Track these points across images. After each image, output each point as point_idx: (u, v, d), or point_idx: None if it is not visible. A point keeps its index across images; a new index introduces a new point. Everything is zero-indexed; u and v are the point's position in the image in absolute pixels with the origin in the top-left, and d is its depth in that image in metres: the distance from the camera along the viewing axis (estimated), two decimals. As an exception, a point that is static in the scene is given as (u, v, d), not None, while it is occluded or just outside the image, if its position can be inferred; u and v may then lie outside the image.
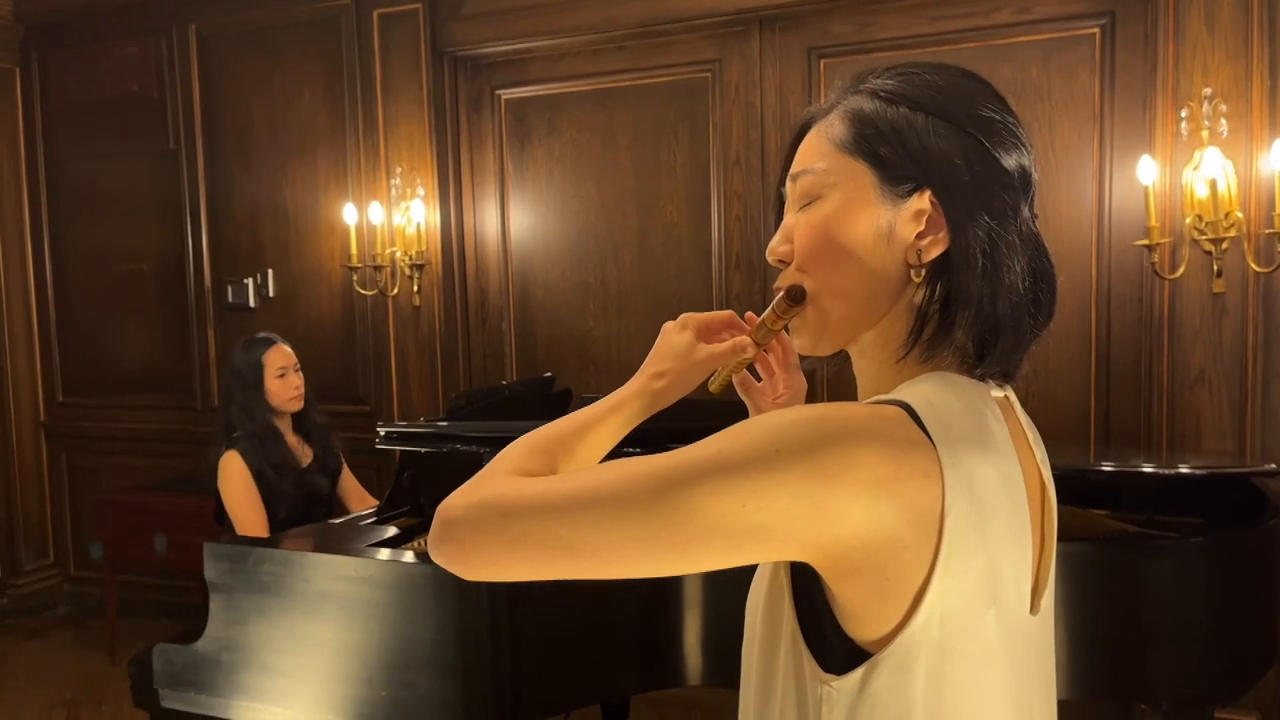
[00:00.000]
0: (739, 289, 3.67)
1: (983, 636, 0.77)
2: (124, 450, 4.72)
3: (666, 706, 3.47)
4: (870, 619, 0.76)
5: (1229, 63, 2.88)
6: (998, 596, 0.78)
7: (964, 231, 0.81)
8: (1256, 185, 2.86)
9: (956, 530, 0.74)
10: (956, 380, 0.83)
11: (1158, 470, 2.43)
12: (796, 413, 0.76)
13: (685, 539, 0.74)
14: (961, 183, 0.82)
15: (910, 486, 0.73)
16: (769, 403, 1.07)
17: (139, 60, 4.51)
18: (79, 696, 3.84)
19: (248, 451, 2.89)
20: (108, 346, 4.74)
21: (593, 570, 0.77)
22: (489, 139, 4.04)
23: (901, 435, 0.75)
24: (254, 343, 3.02)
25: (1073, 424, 3.27)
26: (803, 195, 0.87)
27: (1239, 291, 2.92)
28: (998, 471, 0.79)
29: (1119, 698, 2.64)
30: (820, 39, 3.51)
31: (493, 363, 4.11)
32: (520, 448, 0.89)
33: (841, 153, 0.85)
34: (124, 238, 4.64)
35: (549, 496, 0.77)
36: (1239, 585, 2.11)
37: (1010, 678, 0.80)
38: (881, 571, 0.74)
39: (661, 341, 0.98)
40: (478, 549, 0.79)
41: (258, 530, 2.85)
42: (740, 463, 0.73)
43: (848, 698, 0.77)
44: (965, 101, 0.84)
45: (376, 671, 2.04)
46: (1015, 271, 0.82)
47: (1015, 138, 0.84)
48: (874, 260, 0.83)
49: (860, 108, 0.85)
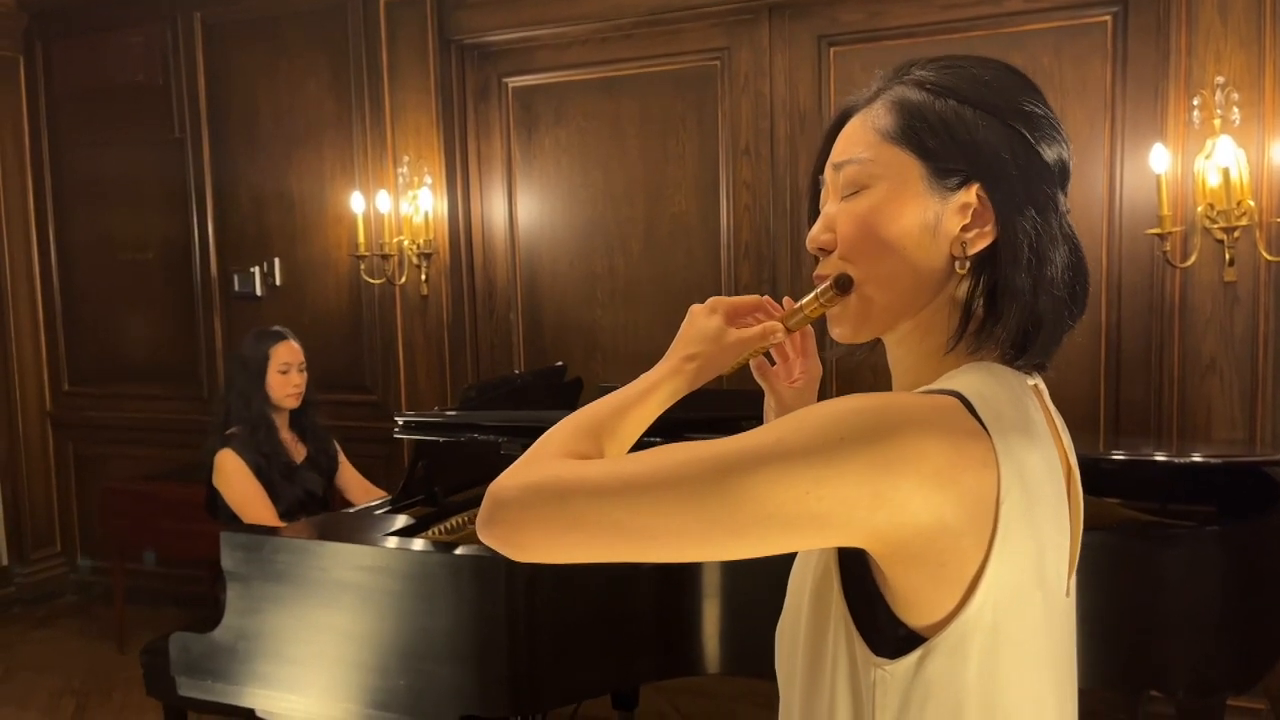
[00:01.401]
0: (748, 279, 3.66)
1: (1031, 619, 0.79)
2: (130, 440, 4.72)
3: (676, 694, 3.48)
4: (925, 604, 0.77)
5: (1241, 51, 2.87)
6: (1044, 580, 0.80)
7: (1011, 225, 0.82)
8: (1269, 174, 2.85)
9: (1010, 517, 0.76)
10: (1000, 371, 0.84)
11: (1172, 459, 2.44)
12: (858, 401, 0.76)
13: (744, 524, 0.75)
14: (1009, 176, 0.82)
15: (969, 476, 0.74)
16: (785, 387, 1.08)
17: (143, 49, 4.49)
18: (88, 685, 3.85)
19: (241, 446, 2.90)
20: (114, 336, 4.74)
21: (647, 553, 0.77)
22: (496, 127, 4.03)
23: (960, 425, 0.76)
24: (264, 335, 3.03)
25: (1083, 411, 3.27)
26: (847, 184, 0.87)
27: (1250, 280, 2.92)
28: (1042, 459, 0.81)
29: (1134, 686, 2.65)
30: (830, 27, 3.50)
31: (500, 352, 4.11)
32: (566, 430, 0.89)
33: (888, 143, 0.85)
34: (129, 227, 4.63)
35: (607, 480, 0.78)
36: (1253, 574, 2.12)
37: (1051, 656, 0.83)
38: (939, 558, 0.75)
39: (690, 325, 0.98)
40: (533, 530, 0.79)
41: (266, 519, 2.86)
42: (802, 450, 0.74)
43: (902, 681, 0.78)
44: (1010, 95, 0.84)
45: (393, 660, 2.04)
46: (1056, 265, 0.83)
47: (1056, 131, 0.85)
48: (919, 252, 0.84)
49: (907, 98, 0.85)
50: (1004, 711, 0.78)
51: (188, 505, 3.97)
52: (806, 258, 3.58)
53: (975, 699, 0.77)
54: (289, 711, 2.17)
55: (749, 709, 3.45)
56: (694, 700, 3.48)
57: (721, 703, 3.46)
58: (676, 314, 1.01)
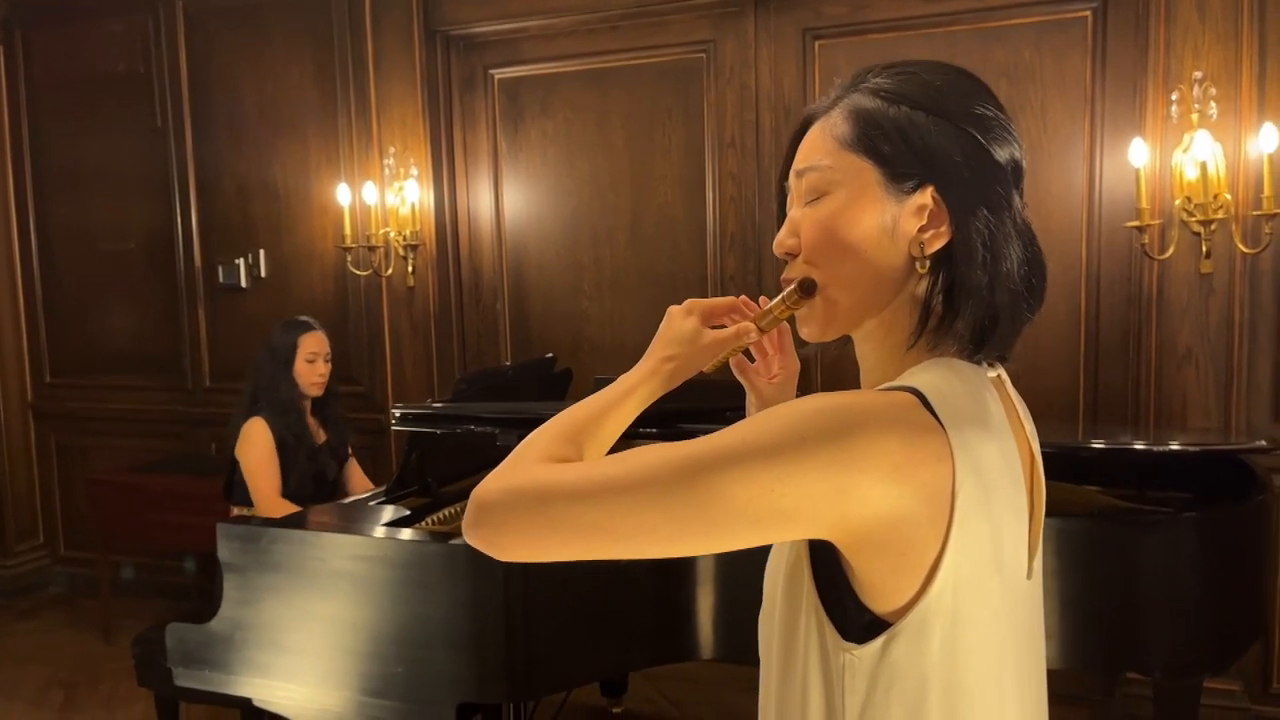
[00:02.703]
0: (733, 270, 3.70)
1: (990, 602, 0.83)
2: (113, 431, 4.71)
3: (664, 680, 3.52)
4: (888, 591, 0.81)
5: (1219, 46, 2.93)
6: (1001, 565, 0.84)
7: (965, 225, 0.86)
8: (1245, 167, 2.91)
9: (966, 508, 0.80)
10: (959, 365, 0.88)
11: (1152, 447, 2.50)
12: (819, 401, 0.80)
13: (714, 521, 0.78)
14: (962, 178, 0.86)
15: (925, 470, 0.78)
16: (764, 383, 1.11)
17: (124, 38, 4.46)
18: (75, 677, 3.84)
19: (272, 419, 2.99)
20: (96, 326, 4.71)
21: (625, 551, 0.81)
22: (482, 119, 4.03)
23: (916, 421, 0.80)
24: (294, 324, 3.13)
25: (1062, 401, 3.33)
26: (809, 191, 0.91)
27: (1226, 272, 2.98)
28: (998, 450, 0.85)
29: (1115, 667, 2.72)
30: (815, 20, 3.53)
31: (487, 343, 4.13)
32: (547, 434, 0.92)
33: (846, 150, 0.88)
34: (111, 217, 4.60)
35: (584, 483, 0.81)
36: (1230, 559, 2.18)
37: (1013, 637, 0.87)
38: (899, 548, 0.79)
39: (667, 326, 1.02)
40: (515, 532, 0.83)
41: (271, 493, 2.94)
42: (767, 449, 0.78)
43: (869, 665, 0.82)
44: (961, 99, 0.88)
45: (390, 647, 2.07)
46: (1012, 261, 0.87)
47: (1007, 131, 0.89)
48: (879, 254, 0.88)
49: (862, 106, 0.89)
50: (964, 691, 0.82)
51: (172, 496, 3.98)
52: (792, 249, 3.62)
53: (938, 680, 0.81)
54: (287, 700, 2.20)
55: (735, 695, 3.50)
56: (681, 687, 3.53)
57: (709, 689, 3.50)
58: (662, 305, 1.05)
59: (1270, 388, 3.05)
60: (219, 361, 4.49)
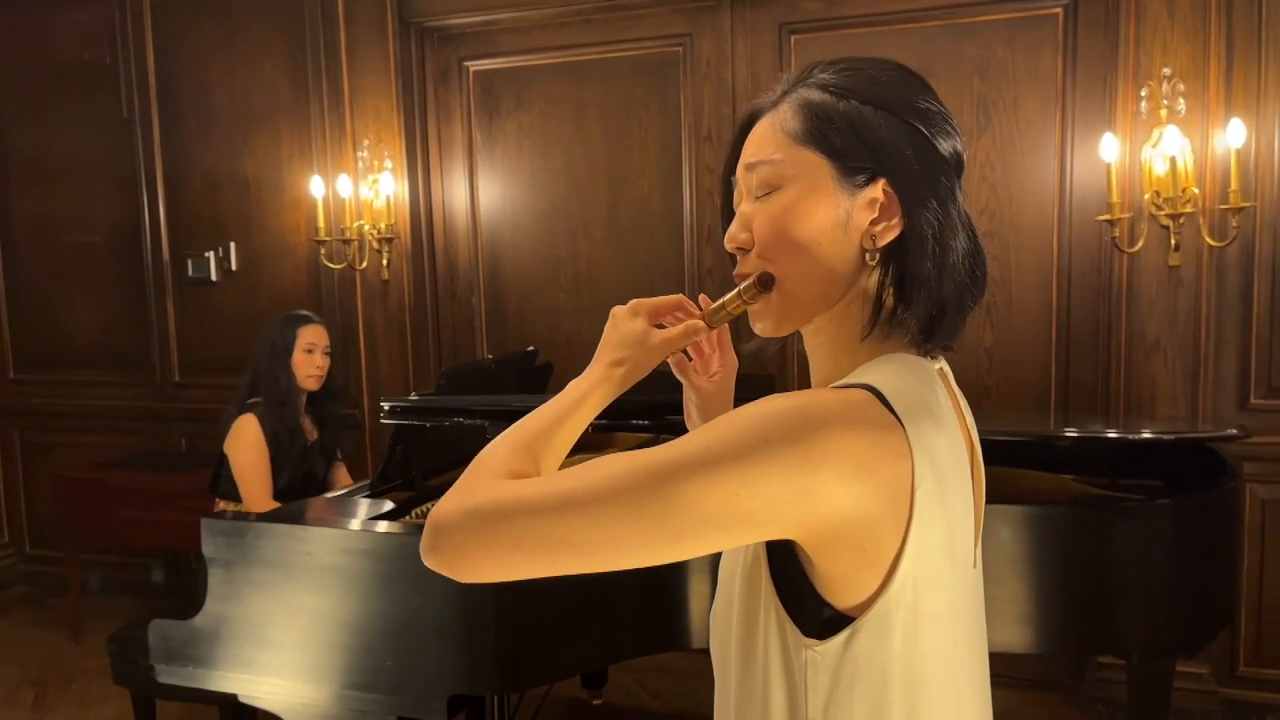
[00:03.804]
0: (710, 263, 3.72)
1: (945, 594, 0.85)
2: (80, 427, 4.63)
3: (643, 671, 3.54)
4: (849, 586, 0.82)
5: (1187, 43, 2.99)
6: (953, 556, 0.86)
7: (916, 217, 0.87)
8: (1212, 162, 2.98)
9: (925, 502, 0.81)
10: (910, 360, 0.90)
11: (1128, 436, 2.55)
12: (777, 403, 0.81)
13: (681, 530, 0.78)
14: (912, 171, 0.87)
15: (885, 466, 0.79)
16: (704, 381, 1.11)
17: (89, 27, 4.39)
18: (45, 675, 3.79)
19: (264, 415, 2.97)
20: (61, 321, 4.63)
21: (592, 565, 0.80)
22: (457, 111, 4.02)
23: (875, 418, 0.81)
24: (293, 318, 3.11)
25: (1034, 391, 3.39)
26: (761, 185, 0.91)
27: (1194, 264, 3.05)
28: (948, 442, 0.86)
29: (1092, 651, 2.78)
30: (790, 14, 3.55)
31: (463, 336, 4.12)
32: (501, 450, 0.90)
33: (797, 144, 0.89)
34: (77, 209, 4.53)
35: (546, 498, 0.80)
36: (1204, 543, 2.24)
37: (965, 627, 0.89)
38: (860, 544, 0.81)
39: (613, 329, 1.01)
40: (477, 553, 0.81)
41: (261, 494, 2.92)
42: (730, 454, 0.78)
43: (832, 660, 0.83)
44: (905, 94, 0.89)
45: (380, 641, 2.07)
46: (957, 252, 0.89)
47: (949, 125, 0.91)
48: (832, 247, 0.88)
49: (811, 100, 0.89)
50: (924, 681, 0.84)
51: (142, 493, 3.93)
52: (768, 242, 3.64)
53: (900, 672, 0.83)
54: (273, 695, 2.18)
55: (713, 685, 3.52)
56: (660, 677, 3.55)
57: (686, 679, 3.53)
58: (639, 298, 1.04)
59: (1235, 377, 3.12)
60: (189, 356, 4.43)
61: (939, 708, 0.85)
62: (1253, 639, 3.19)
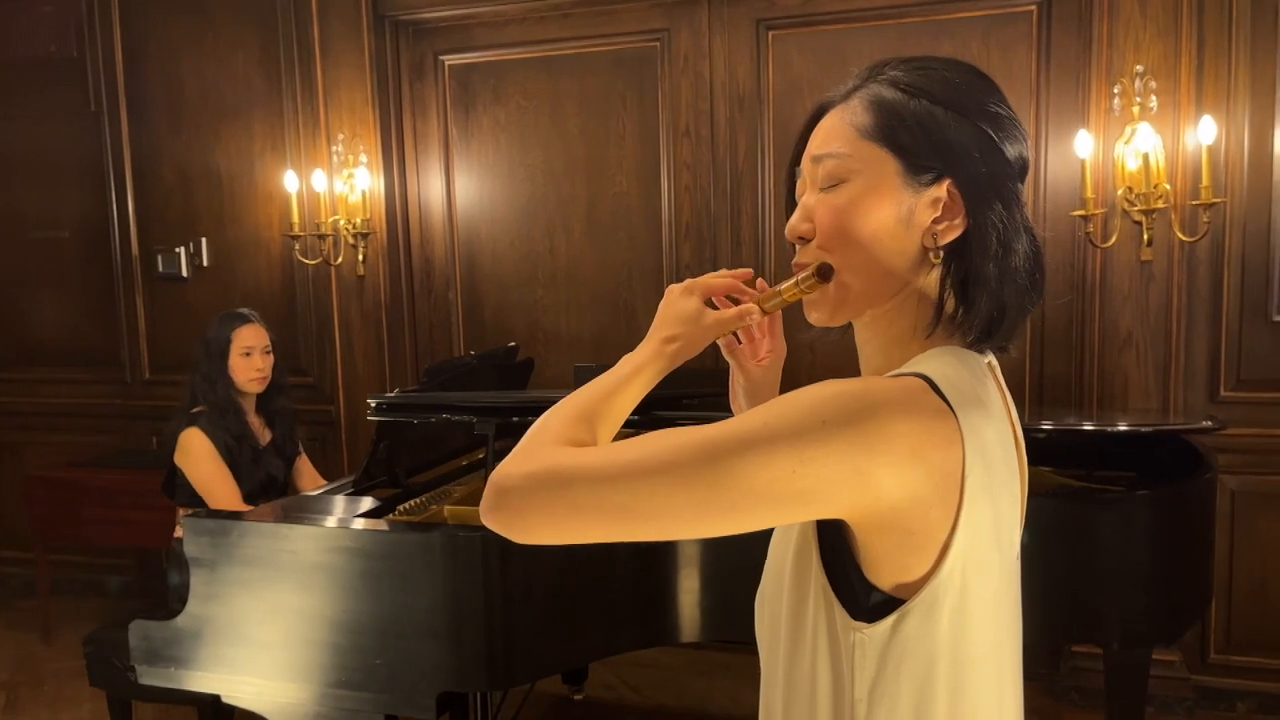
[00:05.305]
0: (689, 258, 3.72)
1: (991, 580, 0.88)
2: (48, 426, 4.56)
3: (623, 667, 3.55)
4: (894, 569, 0.85)
5: (1159, 41, 3.04)
6: (999, 542, 0.89)
7: (981, 218, 0.89)
8: (1183, 159, 3.03)
9: (974, 489, 0.83)
10: (962, 353, 0.92)
11: (1106, 428, 2.59)
12: (838, 386, 0.83)
13: (734, 503, 0.81)
14: (979, 173, 0.89)
15: (938, 453, 0.82)
16: (752, 365, 1.13)
17: (55, 19, 4.31)
18: (16, 678, 3.73)
19: (209, 426, 2.86)
20: (28, 318, 4.56)
21: (646, 532, 0.83)
22: (433, 106, 3.99)
23: (928, 406, 0.83)
24: (229, 317, 2.98)
25: (1010, 384, 3.38)
26: (827, 177, 0.92)
27: (1165, 259, 3.10)
28: (996, 432, 0.89)
29: (1071, 639, 2.82)
30: (768, 10, 3.57)
31: (440, 332, 4.09)
32: (560, 417, 0.93)
33: (865, 140, 0.91)
34: (43, 204, 4.45)
35: (606, 467, 0.83)
36: (1180, 533, 2.28)
37: (1006, 609, 0.92)
38: (909, 527, 0.83)
39: (668, 306, 1.02)
40: (536, 516, 0.84)
41: (231, 500, 2.83)
42: (787, 433, 0.80)
43: (880, 643, 0.85)
44: (977, 97, 0.91)
45: (370, 639, 2.05)
46: (1019, 254, 0.91)
47: (1017, 129, 0.93)
48: (893, 243, 0.90)
49: (883, 97, 0.91)
50: (970, 664, 0.86)
51: (113, 492, 3.88)
52: (747, 238, 3.66)
53: (946, 655, 0.85)
54: (258, 695, 2.16)
55: (693, 678, 3.55)
56: (640, 672, 3.56)
57: (666, 673, 3.54)
58: (618, 294, 1.06)
59: (1206, 370, 3.18)
60: (159, 353, 4.37)
61: (982, 690, 0.87)
62: (1223, 627, 3.25)
